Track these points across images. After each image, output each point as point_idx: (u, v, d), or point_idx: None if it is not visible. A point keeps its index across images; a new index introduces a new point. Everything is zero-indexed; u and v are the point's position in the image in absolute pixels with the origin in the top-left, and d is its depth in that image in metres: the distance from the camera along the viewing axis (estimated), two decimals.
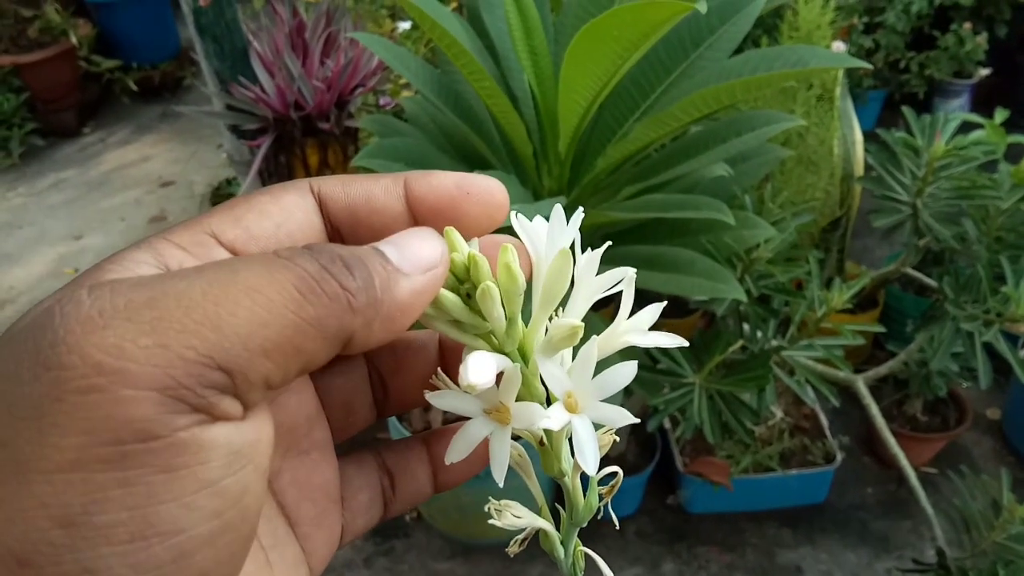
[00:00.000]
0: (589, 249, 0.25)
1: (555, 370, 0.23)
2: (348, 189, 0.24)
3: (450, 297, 0.23)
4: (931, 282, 1.11)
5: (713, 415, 0.87)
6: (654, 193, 0.86)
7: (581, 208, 0.25)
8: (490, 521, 0.25)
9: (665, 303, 0.25)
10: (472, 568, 1.46)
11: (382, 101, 1.70)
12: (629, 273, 0.24)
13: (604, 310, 1.04)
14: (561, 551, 0.26)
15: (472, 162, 0.90)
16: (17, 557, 0.17)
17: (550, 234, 0.24)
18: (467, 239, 0.23)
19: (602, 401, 0.23)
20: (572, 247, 0.23)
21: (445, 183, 0.23)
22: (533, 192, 0.90)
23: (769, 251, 0.90)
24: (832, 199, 1.52)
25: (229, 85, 1.67)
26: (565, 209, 0.24)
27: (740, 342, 0.87)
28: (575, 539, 0.26)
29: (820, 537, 1.52)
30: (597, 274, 0.24)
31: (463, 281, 0.23)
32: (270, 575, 0.23)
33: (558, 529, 0.26)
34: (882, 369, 1.19)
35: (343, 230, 0.24)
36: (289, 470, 0.25)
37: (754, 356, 0.89)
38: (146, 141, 2.82)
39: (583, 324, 0.23)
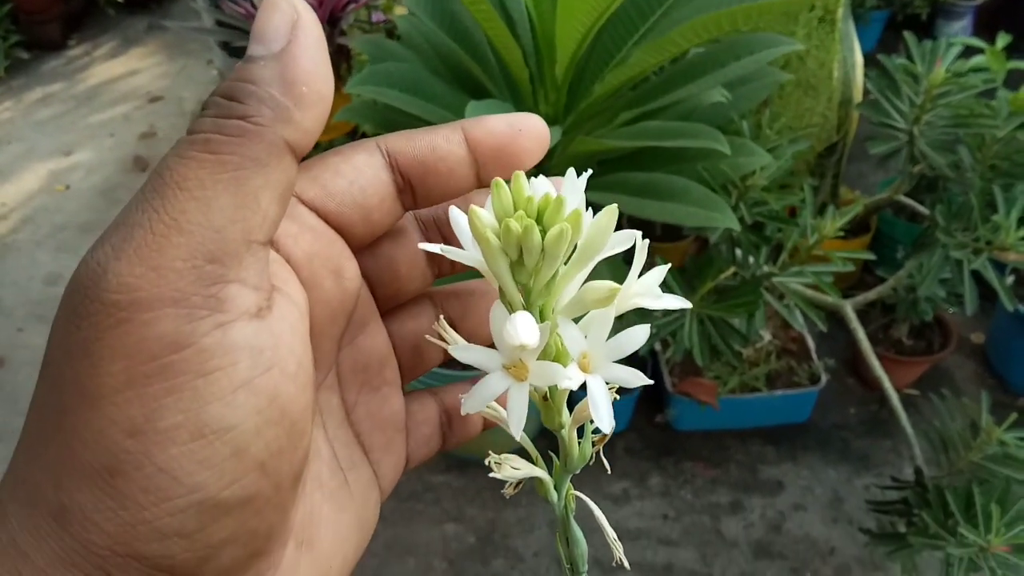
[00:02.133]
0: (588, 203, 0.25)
1: (575, 332, 0.24)
2: (414, 142, 0.26)
3: (516, 228, 0.23)
4: (923, 210, 1.11)
5: (703, 339, 0.89)
6: (651, 119, 0.86)
7: (589, 170, 0.25)
8: (491, 475, 0.26)
9: (668, 266, 0.26)
10: (468, 481, 1.51)
11: (374, 17, 1.66)
12: (638, 236, 0.25)
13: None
14: (555, 495, 0.27)
15: (467, 87, 0.89)
16: (107, 469, 0.19)
17: (566, 191, 0.24)
18: (523, 169, 0.25)
19: (615, 362, 0.24)
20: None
21: (499, 125, 0.26)
22: None
23: (764, 178, 0.90)
24: (829, 123, 1.51)
25: (219, 0, 1.62)
26: (562, 135, 0.24)
27: (732, 269, 0.89)
28: (567, 484, 0.27)
29: (802, 454, 1.57)
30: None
31: (537, 220, 0.23)
32: (348, 493, 0.27)
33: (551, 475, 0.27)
34: (871, 294, 1.21)
35: (413, 179, 0.26)
36: (363, 404, 0.28)
37: (745, 282, 0.90)
38: (133, 55, 2.75)
39: (620, 288, 0.23)
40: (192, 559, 0.20)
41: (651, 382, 0.24)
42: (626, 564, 0.27)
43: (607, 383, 0.24)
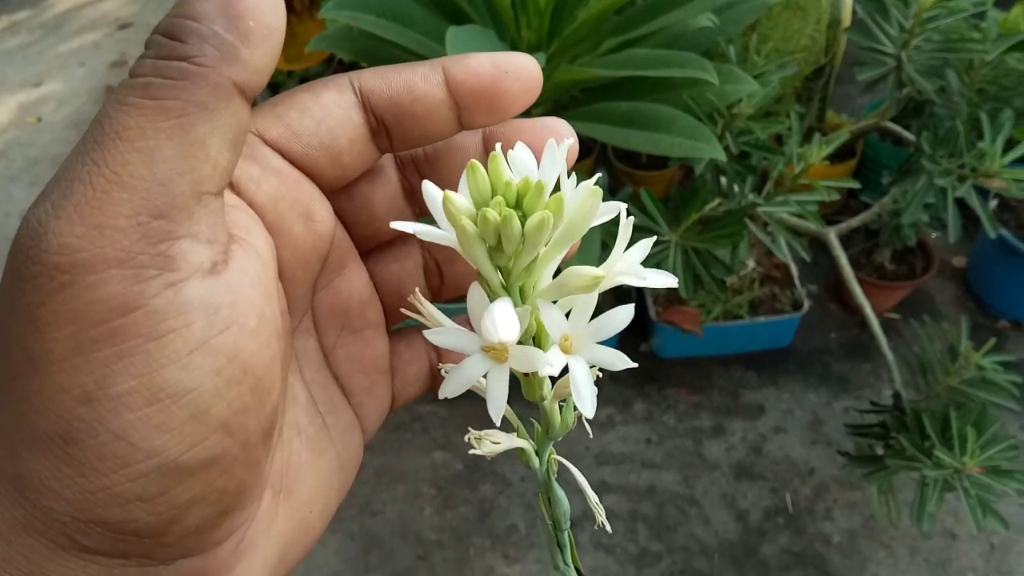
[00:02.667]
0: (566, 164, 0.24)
1: (556, 315, 0.23)
2: (388, 81, 0.24)
3: (494, 217, 0.22)
4: (909, 136, 1.10)
5: (687, 271, 0.89)
6: (636, 46, 0.84)
7: (573, 133, 0.24)
8: (471, 452, 0.26)
9: (653, 239, 0.25)
10: (453, 411, 1.53)
11: None
12: (623, 209, 0.24)
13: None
14: (536, 461, 0.27)
15: (447, 12, 0.86)
16: (61, 436, 0.19)
17: (545, 165, 0.23)
18: (508, 116, 0.24)
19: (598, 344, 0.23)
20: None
21: (483, 64, 0.24)
22: (511, 45, 0.87)
23: (751, 106, 0.88)
24: (817, 46, 1.48)
25: None
26: (546, 63, 0.23)
27: (717, 200, 0.88)
28: (549, 449, 0.27)
29: (783, 379, 1.60)
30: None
31: (516, 206, 0.22)
32: (327, 437, 0.26)
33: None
34: (854, 221, 1.21)
35: (388, 120, 0.24)
36: (343, 347, 0.27)
37: (730, 213, 0.90)
38: None
39: (604, 275, 0.22)
40: (157, 521, 0.20)
41: (635, 365, 0.23)
42: (608, 528, 0.27)
43: (590, 365, 0.23)
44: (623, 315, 0.23)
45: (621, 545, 1.38)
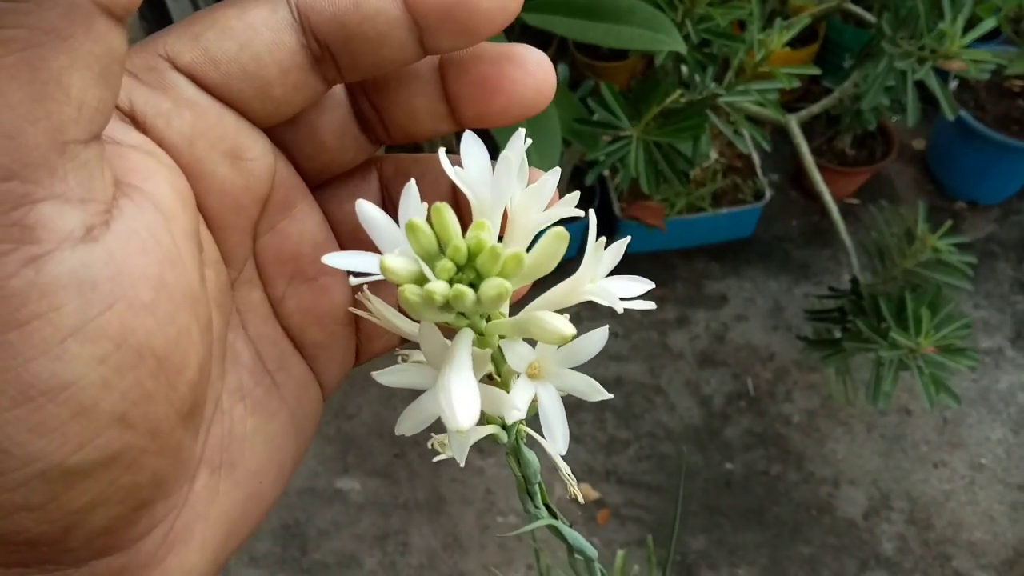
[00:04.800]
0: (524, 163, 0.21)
1: (521, 349, 0.21)
2: None
3: (442, 291, 0.19)
4: (871, 18, 1.09)
5: (649, 166, 0.89)
6: None
7: (523, 131, 0.22)
8: (435, 459, 0.24)
9: (628, 239, 0.23)
10: None
11: None
12: (582, 215, 0.22)
13: None
14: (504, 437, 0.25)
15: None
16: None
17: (498, 182, 0.21)
18: (483, 38, 0.20)
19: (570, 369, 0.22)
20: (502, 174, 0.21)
21: None
22: None
23: None
24: None
25: None
26: None
27: (678, 92, 0.87)
28: (517, 425, 0.25)
29: (745, 268, 1.62)
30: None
31: (461, 268, 0.20)
32: (278, 396, 0.23)
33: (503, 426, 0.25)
34: (815, 108, 1.20)
35: (333, 45, 0.20)
36: (294, 296, 0.24)
37: (691, 104, 0.89)
38: None
39: (575, 332, 0.20)
40: (52, 529, 0.17)
41: (611, 396, 0.22)
42: (580, 499, 0.26)
43: (561, 393, 0.22)
44: (596, 340, 0.22)
45: (590, 434, 1.43)
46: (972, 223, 1.67)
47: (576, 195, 0.22)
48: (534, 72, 0.21)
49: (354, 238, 0.24)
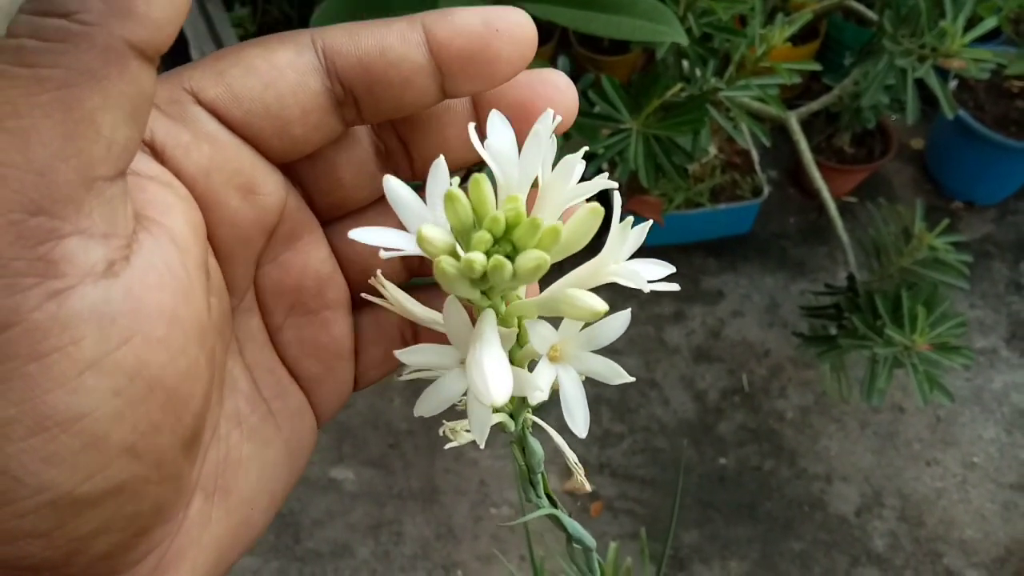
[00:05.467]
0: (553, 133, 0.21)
1: (544, 330, 0.21)
2: (358, 40, 0.21)
3: (481, 261, 0.19)
4: (872, 16, 1.09)
5: (648, 159, 0.89)
6: None
7: (552, 110, 0.21)
8: (447, 447, 0.24)
9: (651, 222, 0.23)
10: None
11: None
12: (615, 187, 0.22)
13: None
14: (512, 426, 0.25)
15: None
16: None
17: (526, 158, 0.20)
18: (499, 83, 0.21)
19: (592, 352, 0.22)
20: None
21: (471, 22, 0.21)
22: None
23: None
24: None
25: None
26: None
27: (679, 86, 0.87)
28: (524, 414, 0.25)
29: (742, 264, 1.63)
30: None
31: (497, 241, 0.19)
32: (273, 424, 0.24)
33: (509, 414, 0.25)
34: (815, 105, 1.20)
35: (356, 89, 0.21)
36: (293, 328, 0.24)
37: (692, 98, 0.89)
38: None
39: (606, 309, 0.20)
40: (56, 555, 0.18)
41: (632, 379, 0.21)
42: (588, 487, 0.26)
43: (582, 377, 0.21)
44: (619, 323, 0.22)
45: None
46: (969, 223, 1.68)
47: (606, 173, 0.22)
48: (564, 92, 0.22)
49: (364, 275, 0.24)
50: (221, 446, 0.22)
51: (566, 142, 1.14)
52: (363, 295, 0.24)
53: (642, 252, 0.22)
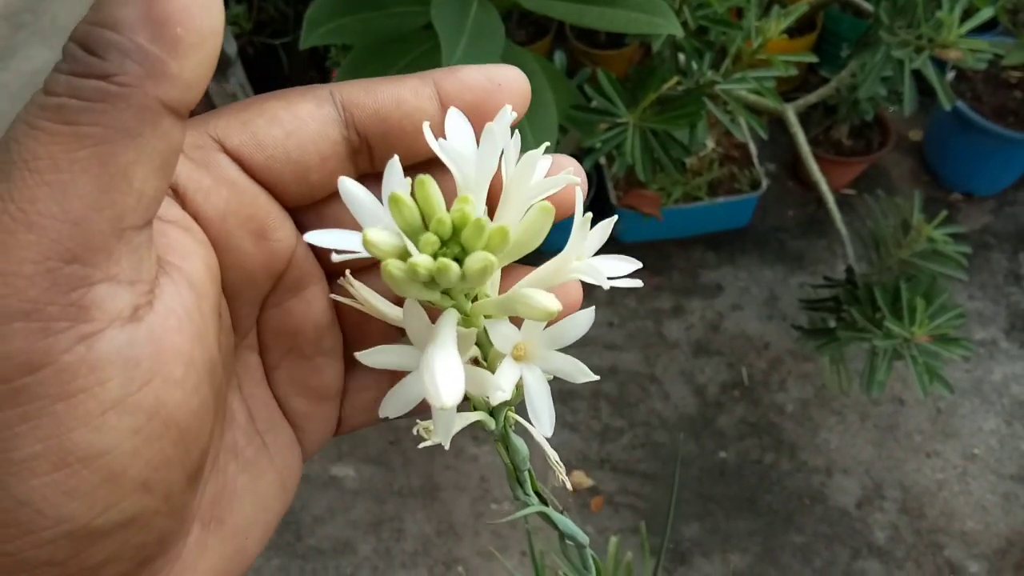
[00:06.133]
0: (517, 133, 0.22)
1: (506, 330, 0.21)
2: (375, 95, 0.22)
3: (427, 264, 0.19)
4: (868, 7, 1.08)
5: (645, 153, 0.88)
6: None
7: (509, 106, 0.22)
8: (421, 446, 0.24)
9: (615, 218, 0.23)
10: None
11: None
12: (578, 182, 0.22)
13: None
14: (492, 424, 0.25)
15: None
16: None
17: (483, 156, 0.21)
18: None
19: (556, 351, 0.22)
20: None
21: (476, 78, 0.23)
22: None
23: None
24: None
25: None
26: None
27: (675, 79, 0.86)
28: (504, 412, 0.25)
29: (740, 257, 1.62)
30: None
31: (445, 243, 0.20)
32: (267, 456, 0.25)
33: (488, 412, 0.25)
34: (812, 97, 1.20)
35: (371, 138, 0.23)
36: (286, 368, 0.25)
37: (688, 92, 0.88)
38: None
39: (560, 308, 0.20)
40: None
41: (596, 378, 0.22)
42: (569, 486, 0.26)
43: (547, 376, 0.21)
44: (582, 321, 0.22)
45: (585, 422, 1.43)
46: (968, 214, 1.68)
47: (574, 167, 0.23)
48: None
49: (359, 329, 0.26)
50: (219, 476, 0.23)
51: (563, 135, 1.14)
52: (332, 295, 0.24)
53: (641, 247, 0.22)
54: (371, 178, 0.24)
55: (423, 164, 0.23)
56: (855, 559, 1.31)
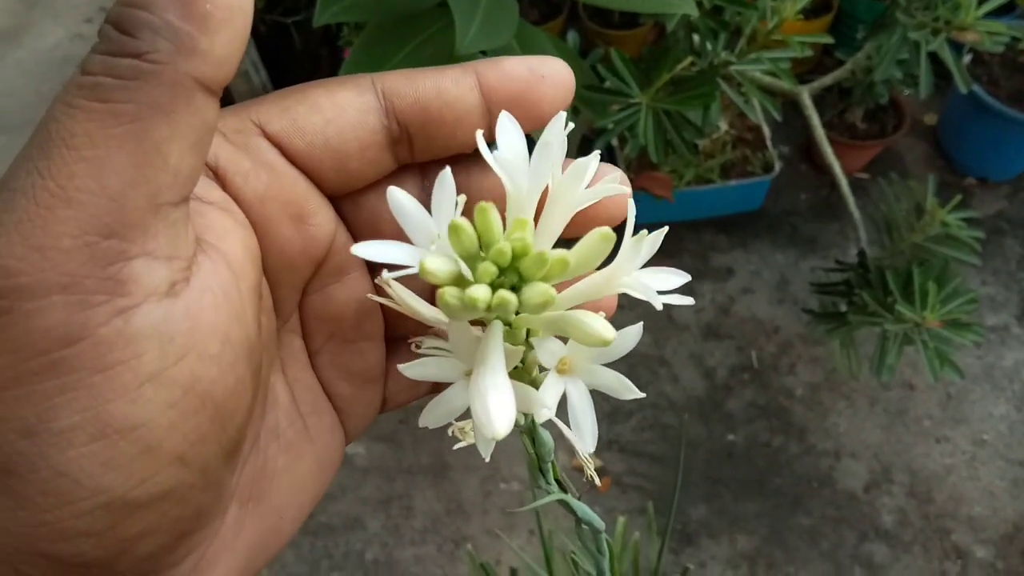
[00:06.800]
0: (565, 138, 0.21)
1: (553, 346, 0.21)
2: (416, 84, 0.22)
3: (486, 299, 0.18)
4: None
5: (658, 135, 0.88)
6: None
7: (564, 114, 0.22)
8: (456, 447, 0.24)
9: (666, 228, 0.23)
10: None
11: None
12: (627, 192, 0.21)
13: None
14: (522, 419, 0.25)
15: None
16: (1, 468, 0.18)
17: (536, 169, 0.20)
18: (543, 122, 0.22)
19: (602, 365, 0.21)
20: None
21: (518, 69, 0.23)
22: None
23: None
24: None
25: None
26: None
27: (689, 59, 0.86)
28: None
29: (752, 241, 1.62)
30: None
31: (503, 272, 0.19)
32: (308, 439, 0.25)
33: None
34: (827, 79, 1.19)
35: (412, 128, 0.23)
36: (329, 352, 0.25)
37: (702, 72, 0.88)
38: None
39: (614, 338, 0.19)
40: (105, 555, 0.19)
41: (643, 395, 0.21)
42: (598, 481, 0.26)
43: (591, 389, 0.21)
44: (630, 337, 0.21)
45: (594, 404, 1.43)
46: (982, 199, 1.66)
47: (618, 174, 0.23)
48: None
49: (397, 313, 0.25)
50: (259, 456, 0.23)
51: (575, 116, 1.14)
52: (369, 296, 0.25)
53: (652, 228, 0.22)
54: (411, 168, 0.24)
55: (462, 156, 0.24)
56: (862, 542, 1.31)
